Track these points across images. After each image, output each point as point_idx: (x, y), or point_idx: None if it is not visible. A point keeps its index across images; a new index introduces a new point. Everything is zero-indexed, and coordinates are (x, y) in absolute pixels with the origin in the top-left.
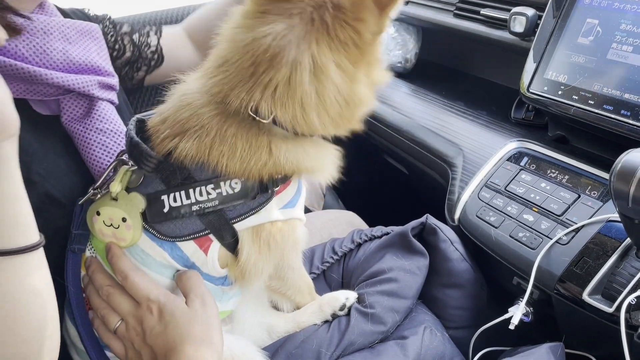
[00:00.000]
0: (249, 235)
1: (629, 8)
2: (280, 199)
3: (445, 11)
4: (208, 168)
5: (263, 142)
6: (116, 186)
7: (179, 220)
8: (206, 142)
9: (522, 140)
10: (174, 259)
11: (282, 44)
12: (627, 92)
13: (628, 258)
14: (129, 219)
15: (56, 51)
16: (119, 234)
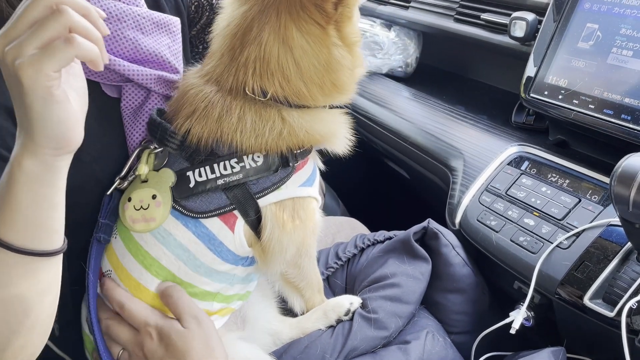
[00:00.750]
0: (272, 212)
1: (629, 13)
2: (299, 176)
3: (446, 16)
4: (224, 146)
5: (272, 112)
6: (143, 168)
7: (204, 195)
8: (215, 117)
9: (523, 145)
10: (199, 237)
11: (246, 23)
12: (627, 97)
13: (629, 262)
14: (158, 195)
15: (126, 39)
16: (148, 215)
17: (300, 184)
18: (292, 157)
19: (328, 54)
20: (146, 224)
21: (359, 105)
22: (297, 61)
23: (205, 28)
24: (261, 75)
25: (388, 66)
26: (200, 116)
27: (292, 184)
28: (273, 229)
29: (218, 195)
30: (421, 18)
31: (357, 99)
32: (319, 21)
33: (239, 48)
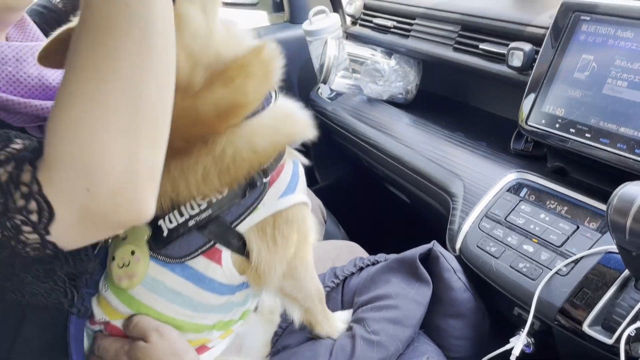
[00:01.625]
0: (255, 234)
1: (623, 45)
2: (277, 187)
3: (445, 45)
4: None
5: (197, 158)
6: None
7: (181, 239)
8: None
9: (522, 172)
10: (188, 278)
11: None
12: (622, 126)
13: (627, 289)
14: (136, 250)
15: (30, 78)
16: (130, 271)
17: (280, 195)
18: (258, 176)
19: (209, 37)
20: (129, 281)
21: (361, 131)
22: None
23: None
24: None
25: (389, 93)
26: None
27: (270, 200)
28: (259, 252)
29: (194, 236)
30: (421, 47)
31: (359, 124)
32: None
33: None
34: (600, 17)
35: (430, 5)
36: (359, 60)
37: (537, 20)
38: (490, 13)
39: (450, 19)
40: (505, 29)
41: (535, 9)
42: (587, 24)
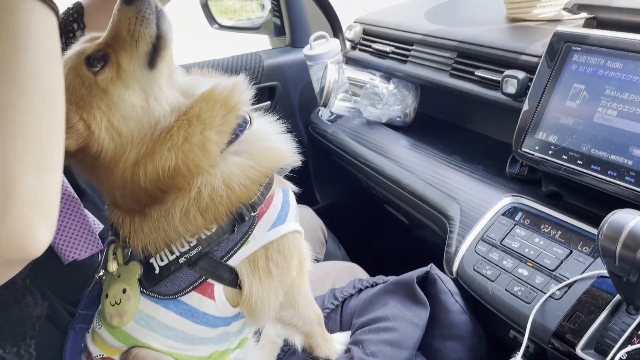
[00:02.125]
0: (247, 267)
1: (613, 75)
2: (266, 219)
3: (442, 71)
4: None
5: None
6: (112, 265)
7: (173, 276)
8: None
9: (517, 196)
10: (182, 314)
11: None
12: (612, 154)
13: (619, 313)
14: (128, 288)
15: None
16: (121, 310)
17: (270, 226)
18: (246, 210)
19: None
20: (120, 319)
21: (360, 153)
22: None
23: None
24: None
25: (387, 116)
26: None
27: (259, 232)
28: (251, 285)
29: (185, 272)
30: (418, 72)
31: (358, 147)
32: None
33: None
34: (590, 48)
35: (428, 32)
36: (359, 84)
37: (530, 49)
38: (485, 41)
39: (446, 45)
40: (500, 56)
41: (529, 38)
42: (578, 54)
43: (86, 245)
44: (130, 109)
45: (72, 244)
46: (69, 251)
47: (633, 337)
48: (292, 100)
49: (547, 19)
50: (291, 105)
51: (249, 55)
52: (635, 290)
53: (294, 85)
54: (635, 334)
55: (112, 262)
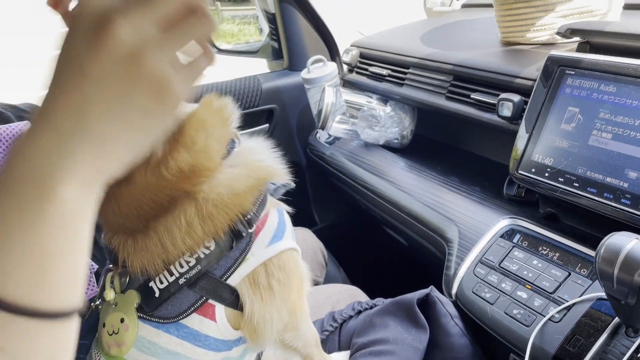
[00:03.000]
0: (247, 286)
1: (607, 98)
2: (264, 236)
3: (438, 94)
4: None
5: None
6: (109, 294)
7: (173, 298)
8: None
9: (514, 217)
10: (183, 338)
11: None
12: (608, 177)
13: (618, 336)
14: (126, 318)
15: None
16: (119, 340)
17: (268, 242)
18: (243, 226)
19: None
20: (119, 349)
21: (358, 175)
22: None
23: None
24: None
25: (385, 138)
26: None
27: (258, 249)
28: (252, 304)
29: (186, 294)
30: (415, 95)
31: (356, 169)
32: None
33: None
34: (584, 72)
35: (423, 56)
36: (356, 107)
37: (525, 72)
38: (480, 64)
39: (442, 69)
40: (495, 80)
41: (523, 61)
42: (572, 78)
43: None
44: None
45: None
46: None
47: None
48: (290, 122)
49: (541, 42)
50: (289, 127)
51: (247, 78)
52: (634, 313)
53: (291, 108)
54: (634, 357)
55: (110, 291)
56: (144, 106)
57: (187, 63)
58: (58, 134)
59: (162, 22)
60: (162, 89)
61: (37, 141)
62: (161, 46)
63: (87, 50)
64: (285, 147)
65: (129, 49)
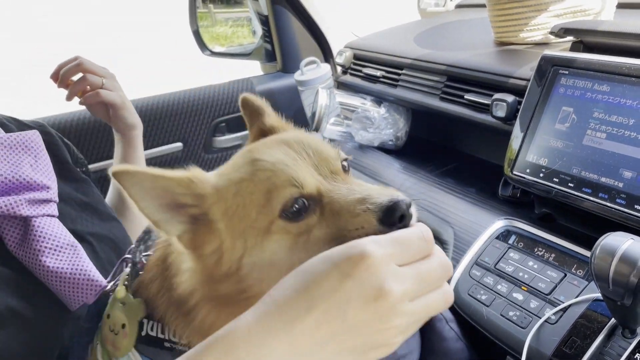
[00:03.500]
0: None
1: (600, 98)
2: None
3: (432, 95)
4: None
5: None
6: (121, 292)
7: (152, 349)
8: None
9: (510, 219)
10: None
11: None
12: (603, 176)
13: (614, 337)
14: (127, 326)
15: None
16: (116, 342)
17: None
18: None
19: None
20: (113, 350)
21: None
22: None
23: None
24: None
25: (379, 139)
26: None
27: None
28: None
29: (165, 354)
30: (409, 96)
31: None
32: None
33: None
34: (577, 71)
35: (417, 57)
36: (350, 109)
37: (518, 73)
38: (474, 65)
39: (436, 69)
40: (489, 80)
41: (517, 61)
42: (565, 78)
43: (90, 291)
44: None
45: (75, 290)
46: (74, 297)
47: None
48: None
49: (534, 42)
50: None
51: (240, 81)
52: (630, 313)
53: (285, 111)
54: (631, 358)
55: (122, 288)
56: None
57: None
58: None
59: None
60: (393, 345)
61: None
62: (412, 313)
63: (358, 303)
64: None
65: (397, 315)
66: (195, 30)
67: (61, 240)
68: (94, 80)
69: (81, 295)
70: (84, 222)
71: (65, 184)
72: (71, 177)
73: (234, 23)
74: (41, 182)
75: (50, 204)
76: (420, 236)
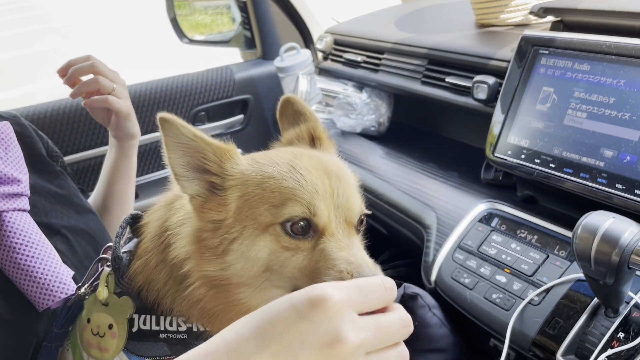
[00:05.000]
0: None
1: (581, 77)
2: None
3: (413, 79)
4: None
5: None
6: (103, 293)
7: (146, 343)
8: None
9: (492, 201)
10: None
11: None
12: (584, 156)
13: (597, 317)
14: (115, 325)
15: None
16: (103, 344)
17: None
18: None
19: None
20: (100, 353)
21: None
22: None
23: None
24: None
25: (361, 126)
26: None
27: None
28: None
29: (159, 345)
30: (390, 81)
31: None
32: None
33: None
34: (558, 51)
35: (398, 41)
36: (332, 95)
37: (499, 54)
38: (455, 47)
39: (417, 53)
40: (470, 62)
41: (498, 43)
42: (545, 58)
43: (59, 294)
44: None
45: (45, 292)
46: (42, 298)
47: (613, 341)
48: (265, 113)
49: (515, 23)
50: (264, 118)
51: (219, 69)
52: (612, 293)
53: (266, 98)
54: (614, 337)
55: (103, 289)
56: None
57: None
58: None
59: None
60: None
61: None
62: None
63: (312, 347)
64: (261, 138)
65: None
66: (172, 18)
67: (32, 237)
68: (105, 84)
69: (50, 297)
70: (58, 214)
71: (39, 176)
72: (45, 170)
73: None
74: (11, 176)
75: (22, 198)
76: (382, 284)
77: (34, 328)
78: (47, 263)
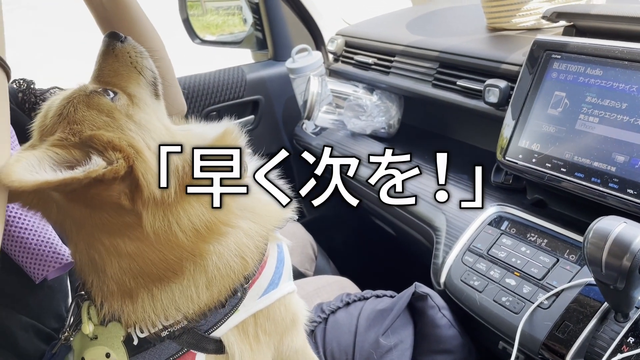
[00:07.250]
0: (236, 336)
1: (593, 82)
2: (258, 286)
3: (424, 81)
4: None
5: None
6: (87, 327)
7: (152, 349)
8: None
9: (502, 205)
10: None
11: None
12: (596, 161)
13: (607, 321)
14: (112, 352)
15: None
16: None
17: (262, 293)
18: (240, 285)
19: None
20: None
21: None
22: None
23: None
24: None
25: (371, 127)
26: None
27: (250, 301)
28: (242, 354)
29: (166, 345)
30: (401, 83)
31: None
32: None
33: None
34: (570, 56)
35: (409, 43)
36: (342, 96)
37: (511, 58)
38: (466, 51)
39: (428, 56)
40: (481, 66)
41: (509, 47)
42: (558, 62)
43: (54, 263)
44: (157, 133)
45: (40, 262)
46: (38, 269)
47: (622, 346)
48: (275, 113)
49: (527, 27)
50: (275, 118)
51: (231, 69)
52: (623, 297)
53: (277, 99)
54: (624, 342)
55: (87, 324)
56: None
57: None
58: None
59: None
60: None
61: None
62: None
63: None
64: (271, 138)
65: None
66: (185, 19)
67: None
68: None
69: (45, 267)
70: None
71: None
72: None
73: (224, 12)
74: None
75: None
76: None
77: (26, 300)
78: (40, 234)
